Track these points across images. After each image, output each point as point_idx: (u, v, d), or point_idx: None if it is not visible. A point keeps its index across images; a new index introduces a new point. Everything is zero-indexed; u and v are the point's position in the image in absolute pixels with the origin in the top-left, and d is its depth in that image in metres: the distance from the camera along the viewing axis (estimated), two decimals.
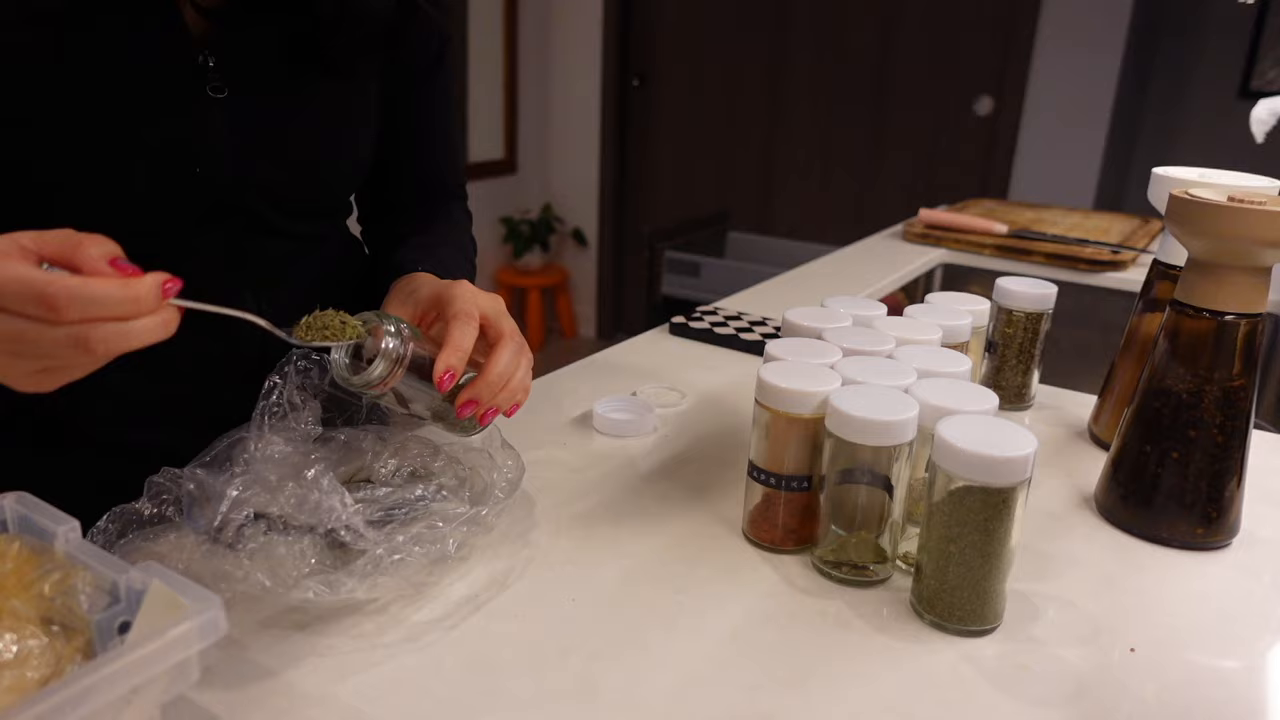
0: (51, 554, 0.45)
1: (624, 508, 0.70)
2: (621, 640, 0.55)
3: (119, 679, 0.37)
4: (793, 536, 0.64)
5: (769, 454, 0.63)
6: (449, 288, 0.64)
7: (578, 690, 0.51)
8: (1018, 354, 0.91)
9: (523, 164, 3.83)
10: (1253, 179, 0.80)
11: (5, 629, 0.41)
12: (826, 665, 0.54)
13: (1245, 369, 0.65)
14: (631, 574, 0.62)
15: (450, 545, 0.57)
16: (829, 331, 0.73)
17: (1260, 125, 1.40)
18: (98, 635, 0.43)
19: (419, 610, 0.57)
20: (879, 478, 0.59)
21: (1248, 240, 0.61)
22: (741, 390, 0.95)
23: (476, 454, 0.67)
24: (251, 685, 0.50)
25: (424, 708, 0.49)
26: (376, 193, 0.87)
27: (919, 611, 0.58)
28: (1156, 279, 0.82)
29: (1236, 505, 0.68)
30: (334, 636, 0.54)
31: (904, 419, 0.57)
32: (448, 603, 0.58)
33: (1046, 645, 0.56)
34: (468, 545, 0.63)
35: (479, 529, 0.60)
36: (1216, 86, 3.13)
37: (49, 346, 0.46)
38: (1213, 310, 0.65)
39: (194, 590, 0.41)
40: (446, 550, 0.57)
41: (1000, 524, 0.54)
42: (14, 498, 0.47)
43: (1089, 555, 0.67)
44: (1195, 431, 0.66)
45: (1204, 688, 0.53)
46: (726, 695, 0.51)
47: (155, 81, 0.65)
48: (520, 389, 0.63)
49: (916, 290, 1.54)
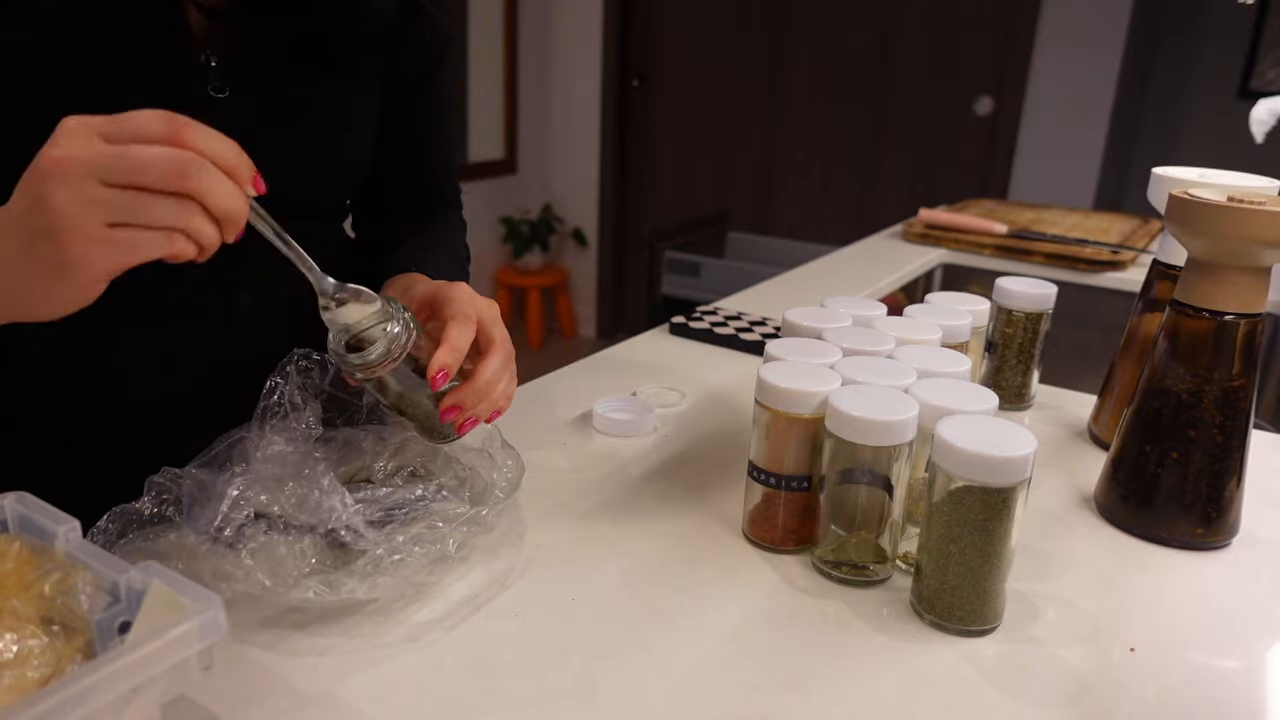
0: (52, 554, 0.45)
1: (624, 508, 0.70)
2: (621, 640, 0.55)
3: (119, 679, 0.37)
4: (793, 536, 0.64)
5: (769, 454, 0.63)
6: (446, 288, 0.64)
7: (578, 690, 0.51)
8: (1017, 354, 0.91)
9: (523, 164, 3.83)
10: (1253, 179, 0.80)
11: (6, 629, 0.41)
12: (826, 665, 0.54)
13: (1245, 369, 0.65)
14: (631, 574, 0.62)
15: (450, 545, 0.58)
16: (829, 331, 0.73)
17: (1260, 125, 1.40)
18: (98, 635, 0.43)
19: (419, 610, 0.57)
20: (879, 478, 0.59)
21: (1248, 240, 0.61)
22: (742, 390, 0.95)
23: (476, 454, 0.67)
24: (251, 685, 0.50)
25: (424, 707, 0.49)
26: (373, 196, 0.86)
27: (919, 611, 0.58)
28: (1156, 279, 0.82)
29: (1236, 505, 0.68)
30: (334, 636, 0.54)
31: (904, 419, 0.57)
32: (448, 603, 0.58)
33: (1046, 645, 0.56)
34: (468, 545, 0.63)
35: (479, 529, 0.60)
36: (1216, 87, 3.13)
37: (152, 162, 0.45)
38: (1212, 310, 0.65)
39: (194, 590, 0.41)
40: (447, 550, 0.57)
41: (1000, 524, 0.54)
42: (14, 498, 0.47)
43: (1089, 555, 0.67)
44: (1195, 431, 0.66)
45: (1204, 688, 0.53)
46: (726, 695, 0.51)
47: (156, 81, 0.65)
48: (503, 398, 0.63)
49: (916, 290, 1.54)
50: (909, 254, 1.57)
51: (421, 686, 0.51)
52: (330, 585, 0.53)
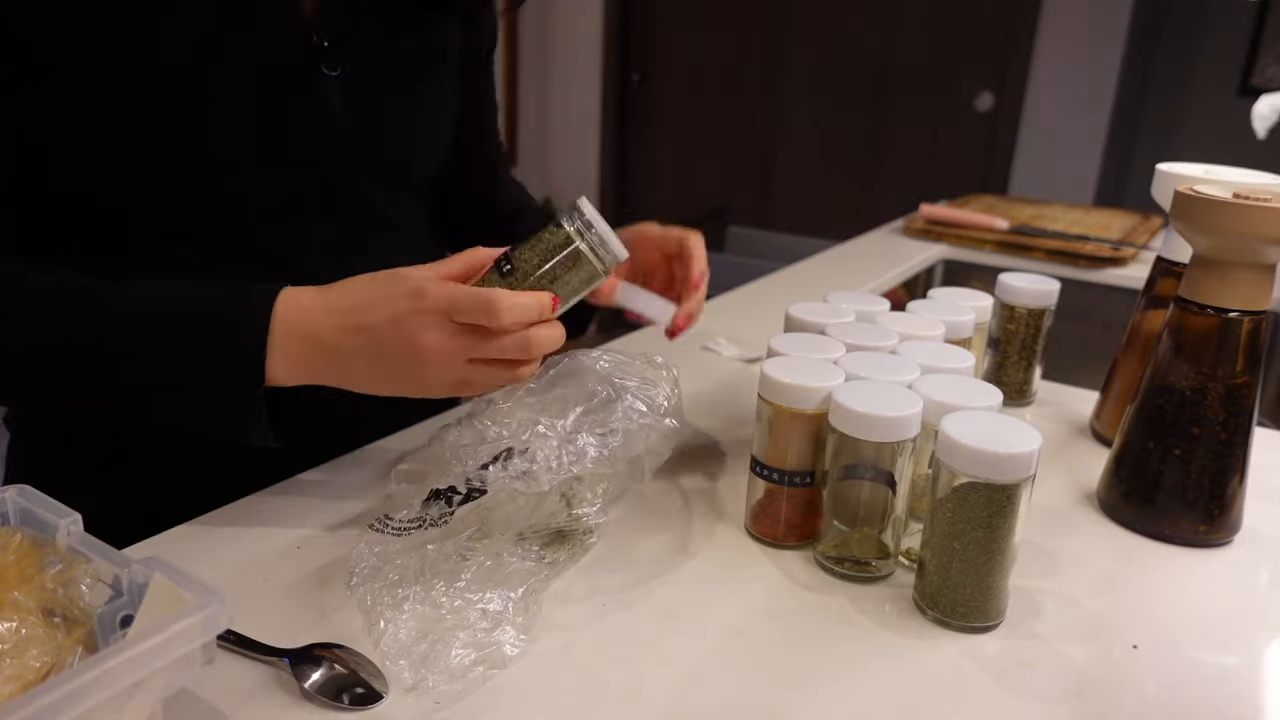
0: (54, 547, 0.45)
1: (626, 502, 0.70)
2: (623, 636, 0.55)
3: (122, 673, 0.37)
4: (795, 532, 0.64)
5: (772, 449, 0.63)
6: (683, 234, 0.76)
7: (579, 687, 0.51)
8: (1020, 350, 0.90)
9: (523, 159, 3.82)
10: (1258, 175, 0.80)
11: (6, 619, 0.41)
12: (829, 661, 0.54)
13: (1249, 366, 0.65)
14: (634, 570, 0.62)
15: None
16: (832, 327, 0.73)
17: (1262, 121, 1.40)
18: (100, 628, 0.43)
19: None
20: (882, 473, 0.59)
21: (1253, 237, 0.61)
22: (745, 385, 0.95)
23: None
24: (253, 680, 0.50)
25: (423, 702, 0.49)
26: (460, 180, 0.89)
27: (922, 608, 0.58)
28: (1159, 276, 0.82)
29: (1239, 502, 0.68)
30: (336, 629, 0.54)
31: (908, 415, 0.57)
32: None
33: (1049, 642, 0.56)
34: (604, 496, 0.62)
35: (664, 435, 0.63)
36: (1216, 83, 3.13)
37: (495, 350, 0.57)
38: (1217, 307, 0.65)
39: (196, 585, 0.41)
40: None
41: (1004, 520, 0.54)
42: (15, 490, 0.47)
43: (1091, 552, 0.67)
44: (1198, 429, 0.66)
45: (1206, 684, 0.53)
46: (728, 690, 0.51)
47: (274, 66, 0.66)
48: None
49: (917, 286, 1.54)
50: (910, 249, 1.57)
51: None
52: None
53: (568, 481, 0.58)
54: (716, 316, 1.17)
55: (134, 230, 0.66)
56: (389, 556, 0.56)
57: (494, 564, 0.56)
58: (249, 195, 0.68)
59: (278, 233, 0.70)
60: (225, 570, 0.59)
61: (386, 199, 0.76)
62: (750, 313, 1.20)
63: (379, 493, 0.69)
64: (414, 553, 0.56)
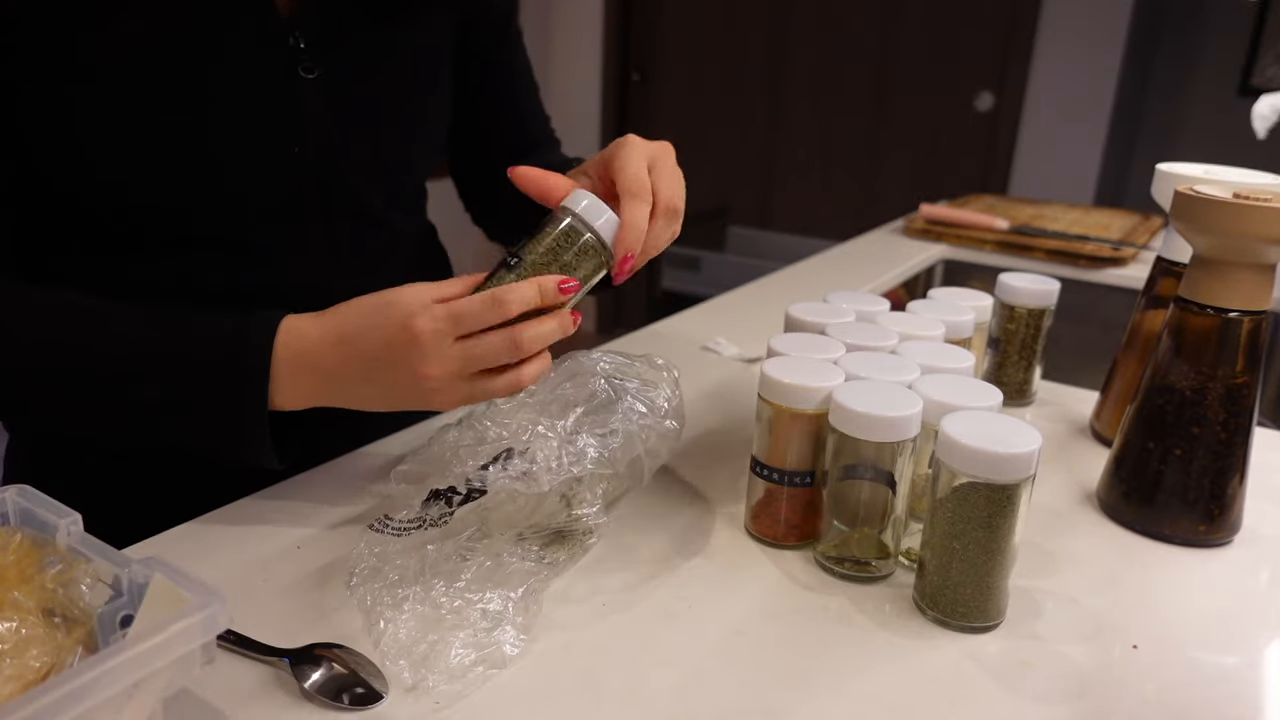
0: (54, 547, 0.45)
1: (626, 502, 0.70)
2: (623, 636, 0.55)
3: (122, 673, 0.37)
4: (795, 532, 0.64)
5: (772, 449, 0.63)
6: (616, 147, 0.65)
7: (579, 687, 0.51)
8: (1020, 350, 0.90)
9: None
10: (1258, 175, 0.80)
11: (6, 619, 0.41)
12: (828, 661, 0.54)
13: (1249, 366, 0.65)
14: (634, 570, 0.62)
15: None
16: (832, 327, 0.73)
17: (1263, 121, 1.40)
18: (100, 628, 0.43)
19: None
20: (882, 473, 0.59)
21: (1253, 237, 0.61)
22: (745, 385, 0.95)
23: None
24: (253, 680, 0.50)
25: (422, 703, 0.49)
26: (487, 164, 0.87)
27: (921, 608, 0.58)
28: (1159, 276, 0.82)
29: (1239, 502, 0.68)
30: (336, 629, 0.54)
31: (908, 415, 0.57)
32: None
33: (1049, 642, 0.56)
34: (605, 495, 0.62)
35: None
36: (1217, 83, 3.13)
37: (491, 356, 0.56)
38: (1217, 307, 0.65)
39: (196, 585, 0.41)
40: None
41: (1004, 520, 0.54)
42: (15, 490, 0.47)
43: (1091, 552, 0.67)
44: (1198, 429, 0.66)
45: (1206, 685, 0.53)
46: (728, 691, 0.51)
47: (251, 69, 0.65)
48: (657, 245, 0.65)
49: (917, 286, 1.54)
50: (910, 249, 1.57)
51: None
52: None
53: (568, 482, 0.58)
54: (716, 316, 1.17)
55: (133, 231, 0.66)
56: (389, 556, 0.56)
57: (494, 564, 0.56)
58: (245, 196, 0.68)
59: (275, 233, 0.70)
60: (225, 570, 0.59)
61: (380, 197, 0.76)
62: (750, 313, 1.20)
63: (379, 493, 0.69)
64: (414, 553, 0.56)
